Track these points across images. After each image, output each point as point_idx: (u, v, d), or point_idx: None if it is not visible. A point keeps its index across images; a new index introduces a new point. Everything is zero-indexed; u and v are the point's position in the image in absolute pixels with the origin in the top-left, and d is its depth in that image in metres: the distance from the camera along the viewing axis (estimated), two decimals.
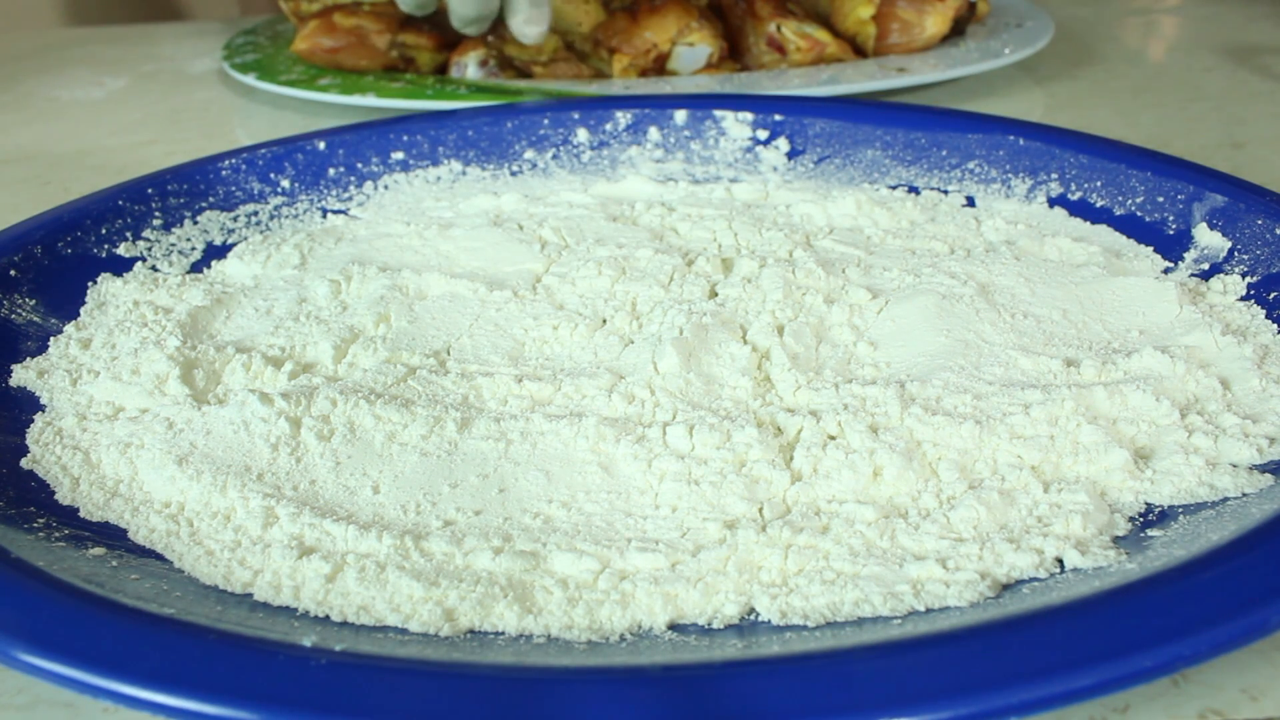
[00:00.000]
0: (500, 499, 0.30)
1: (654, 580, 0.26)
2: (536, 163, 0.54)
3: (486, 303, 0.40)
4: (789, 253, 0.43)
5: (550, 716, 0.20)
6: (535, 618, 0.25)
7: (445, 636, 0.25)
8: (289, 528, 0.28)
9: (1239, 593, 0.22)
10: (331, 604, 0.26)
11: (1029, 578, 0.26)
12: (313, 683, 0.21)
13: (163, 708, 0.21)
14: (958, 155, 0.50)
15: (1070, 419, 0.31)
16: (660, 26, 0.70)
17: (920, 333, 0.36)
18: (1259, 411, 0.31)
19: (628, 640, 0.25)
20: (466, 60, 0.72)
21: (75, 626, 0.22)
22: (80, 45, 0.98)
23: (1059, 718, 0.23)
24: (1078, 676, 0.20)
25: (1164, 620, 0.21)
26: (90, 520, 0.30)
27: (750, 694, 0.20)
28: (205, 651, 0.22)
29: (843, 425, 0.31)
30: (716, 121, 0.55)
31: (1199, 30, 0.86)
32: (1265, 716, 0.23)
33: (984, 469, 0.30)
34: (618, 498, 0.30)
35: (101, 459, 0.32)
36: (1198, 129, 0.63)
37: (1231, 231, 0.40)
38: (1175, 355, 0.33)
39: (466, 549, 0.27)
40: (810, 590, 0.25)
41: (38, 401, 0.36)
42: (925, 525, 0.27)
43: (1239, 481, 0.28)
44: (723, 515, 0.28)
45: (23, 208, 0.57)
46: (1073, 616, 0.22)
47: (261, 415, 0.32)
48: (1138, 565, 0.25)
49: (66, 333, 0.40)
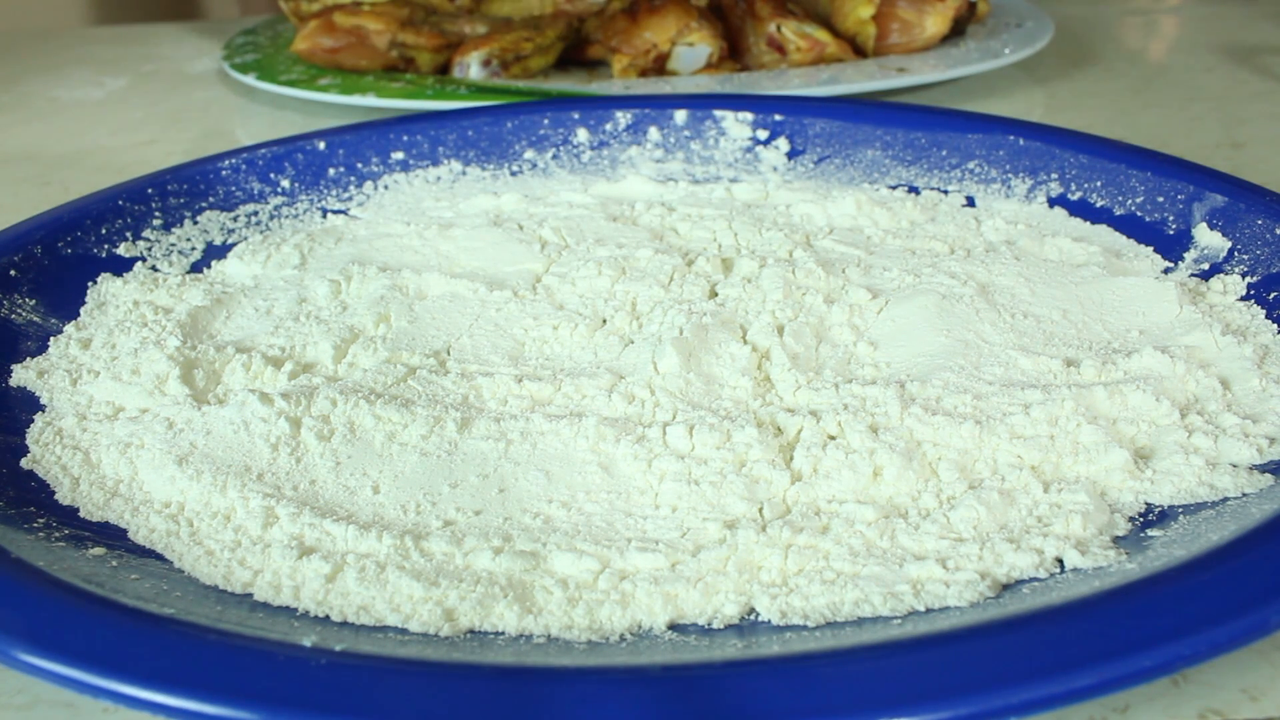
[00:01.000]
0: (500, 499, 0.30)
1: (654, 580, 0.26)
2: (536, 163, 0.54)
3: (486, 303, 0.40)
4: (789, 253, 0.43)
5: (550, 716, 0.20)
6: (535, 618, 0.25)
7: (445, 636, 0.25)
8: (289, 528, 0.28)
9: (1239, 593, 0.22)
10: (331, 604, 0.26)
11: (1029, 578, 0.26)
12: (313, 683, 0.21)
13: (162, 708, 0.21)
14: (958, 155, 0.50)
15: (1070, 419, 0.31)
16: (660, 26, 0.70)
17: (920, 333, 0.36)
18: (1259, 411, 0.31)
19: (628, 640, 0.25)
20: (469, 60, 0.72)
21: (75, 626, 0.23)
22: (80, 45, 0.98)
23: (1059, 718, 0.23)
24: (1078, 676, 0.20)
25: (1164, 620, 0.21)
26: (90, 520, 0.30)
27: (750, 694, 0.20)
28: (205, 651, 0.22)
29: (843, 425, 0.31)
30: (716, 121, 0.55)
31: (1199, 30, 0.86)
32: (1265, 716, 0.23)
33: (984, 469, 0.30)
34: (618, 498, 0.30)
35: (101, 459, 0.32)
36: (1197, 129, 0.63)
37: (1231, 231, 0.40)
38: (1175, 355, 0.33)
39: (466, 549, 0.27)
40: (810, 590, 0.25)
41: (38, 401, 0.36)
42: (925, 525, 0.27)
43: (1239, 481, 0.28)
44: (723, 515, 0.28)
45: (23, 208, 0.57)
46: (1073, 616, 0.22)
47: (261, 415, 0.32)
48: (1138, 565, 0.25)
49: (66, 333, 0.40)
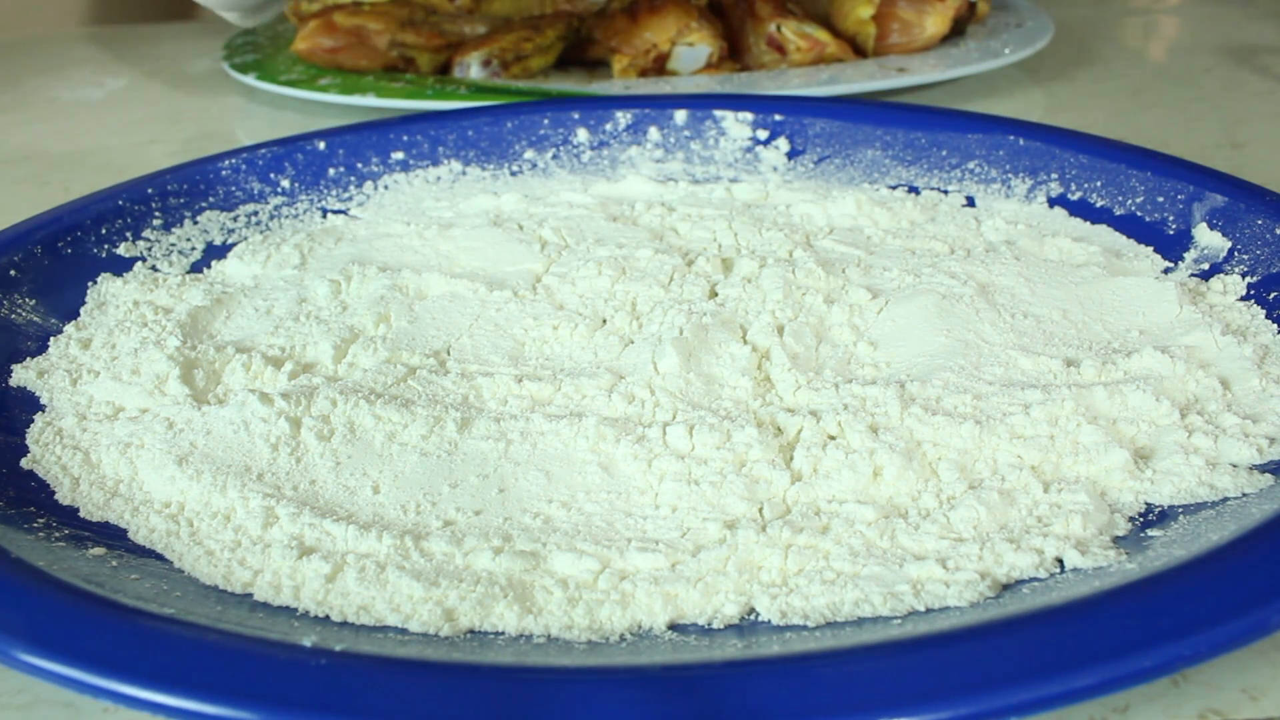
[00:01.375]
0: (500, 499, 0.30)
1: (654, 580, 0.26)
2: (536, 163, 0.54)
3: (486, 303, 0.40)
4: (789, 253, 0.43)
5: (549, 716, 0.20)
6: (535, 618, 0.25)
7: (445, 636, 0.25)
8: (289, 528, 0.28)
9: (1239, 593, 0.22)
10: (331, 604, 0.26)
11: (1029, 578, 0.26)
12: (312, 682, 0.21)
13: (161, 707, 0.21)
14: (958, 155, 0.50)
15: (1070, 419, 0.31)
16: (660, 26, 0.70)
17: (920, 333, 0.36)
18: (1259, 411, 0.31)
19: (628, 640, 0.25)
20: (469, 60, 0.72)
21: (75, 626, 0.23)
22: (80, 45, 0.98)
23: (1060, 717, 0.23)
24: (1077, 676, 0.20)
25: (1164, 620, 0.21)
26: (90, 520, 0.30)
27: (750, 694, 0.20)
28: (205, 652, 0.22)
29: (843, 425, 0.31)
30: (716, 121, 0.55)
31: (1199, 30, 0.86)
32: (1265, 716, 0.23)
33: (984, 469, 0.30)
34: (618, 498, 0.30)
35: (101, 459, 0.32)
36: (1197, 129, 0.63)
37: (1231, 231, 0.40)
38: (1175, 355, 0.33)
39: (466, 549, 0.27)
40: (810, 590, 0.25)
41: (38, 401, 0.36)
42: (925, 525, 0.27)
43: (1239, 481, 0.28)
44: (723, 515, 0.28)
45: (23, 208, 0.57)
46: (1072, 617, 0.22)
47: (261, 415, 0.32)
48: (1138, 565, 0.25)
49: (66, 333, 0.40)
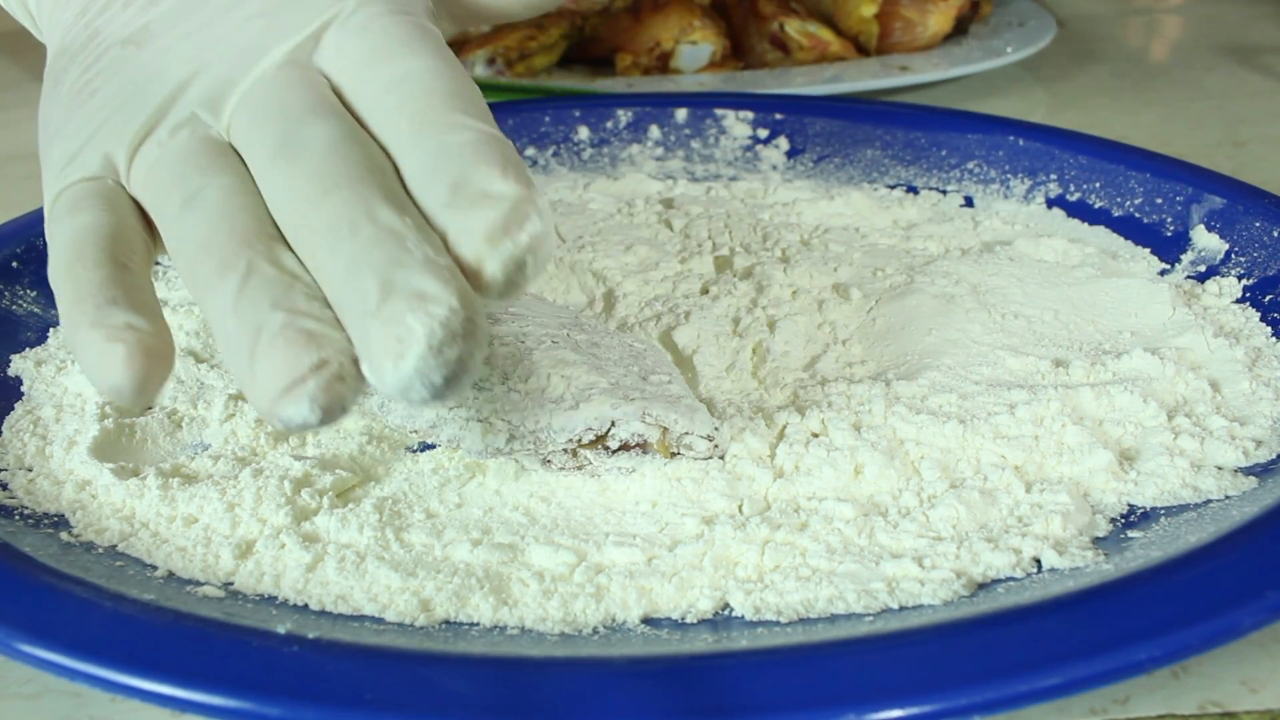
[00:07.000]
0: (480, 492, 0.30)
1: (629, 574, 0.26)
2: (537, 160, 0.54)
3: None
4: (784, 251, 0.43)
5: (522, 706, 0.21)
6: (510, 609, 0.25)
7: (421, 626, 0.25)
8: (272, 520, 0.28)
9: (1210, 595, 0.22)
10: (310, 593, 0.26)
11: (1005, 577, 0.26)
12: (284, 668, 0.21)
13: (128, 689, 0.21)
14: (957, 155, 0.50)
15: (1056, 419, 0.31)
16: (663, 25, 0.70)
17: (909, 332, 0.36)
18: (1247, 414, 0.31)
19: (600, 633, 0.25)
20: (473, 58, 0.72)
21: (46, 612, 0.23)
22: None
23: (1060, 708, 0.23)
24: (1043, 675, 0.20)
25: (1131, 621, 0.21)
26: (49, 514, 0.29)
27: (718, 687, 0.21)
28: (178, 636, 0.22)
29: (826, 423, 0.31)
30: (717, 120, 0.54)
31: (1201, 30, 0.86)
32: (1265, 708, 0.23)
33: (966, 468, 0.30)
34: (598, 493, 0.30)
35: (54, 452, 0.31)
36: (1199, 128, 0.62)
37: (1229, 234, 0.40)
38: (1165, 357, 0.33)
39: (446, 541, 0.27)
40: (785, 586, 0.25)
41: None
42: (904, 523, 0.27)
43: (1223, 484, 0.28)
44: (702, 511, 0.28)
45: (25, 204, 0.57)
46: (1042, 615, 0.22)
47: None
48: (1114, 566, 0.25)
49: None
